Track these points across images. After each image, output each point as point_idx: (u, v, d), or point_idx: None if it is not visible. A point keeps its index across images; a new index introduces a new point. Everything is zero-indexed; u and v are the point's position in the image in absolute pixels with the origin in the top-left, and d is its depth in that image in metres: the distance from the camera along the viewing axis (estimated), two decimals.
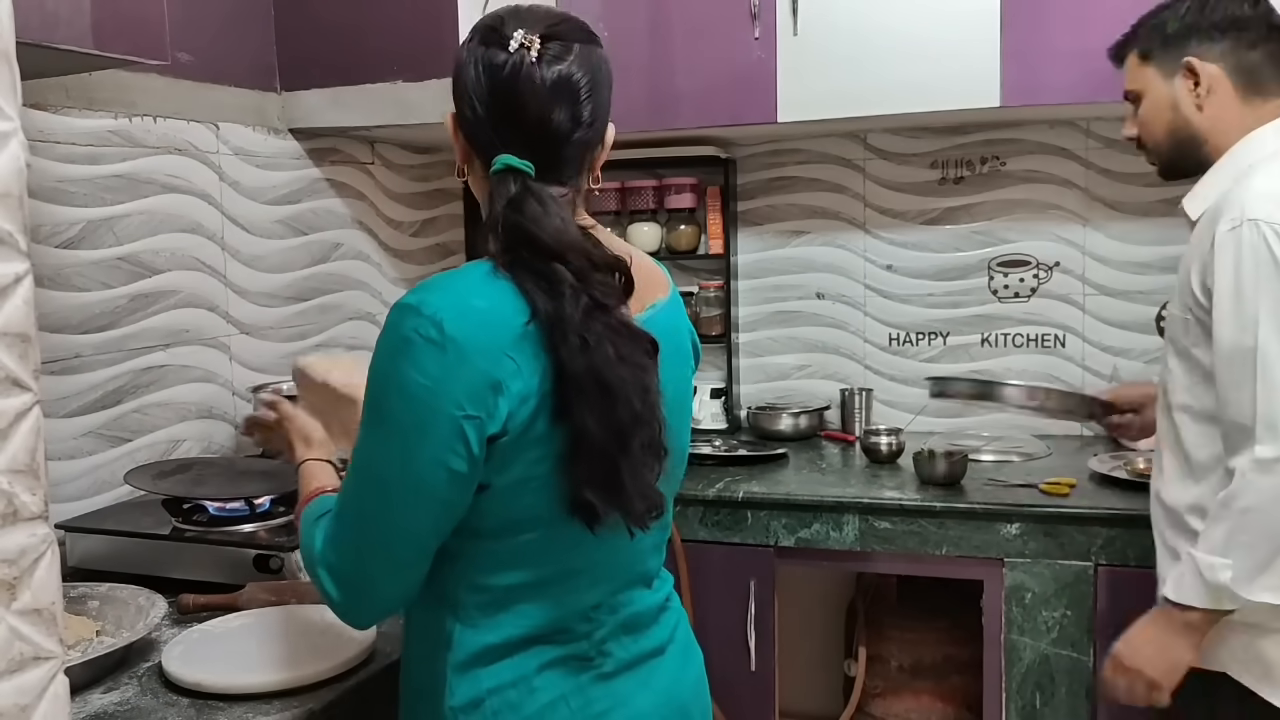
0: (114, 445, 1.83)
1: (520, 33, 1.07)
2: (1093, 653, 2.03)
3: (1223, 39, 1.54)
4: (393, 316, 1.02)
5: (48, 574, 0.66)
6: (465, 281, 1.04)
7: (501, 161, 1.08)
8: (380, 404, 1.02)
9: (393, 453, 1.00)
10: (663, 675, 1.17)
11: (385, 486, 1.02)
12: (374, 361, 1.03)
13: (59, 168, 1.73)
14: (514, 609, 1.07)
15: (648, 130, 2.48)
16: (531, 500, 1.04)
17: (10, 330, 0.63)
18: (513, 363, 1.00)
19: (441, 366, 0.98)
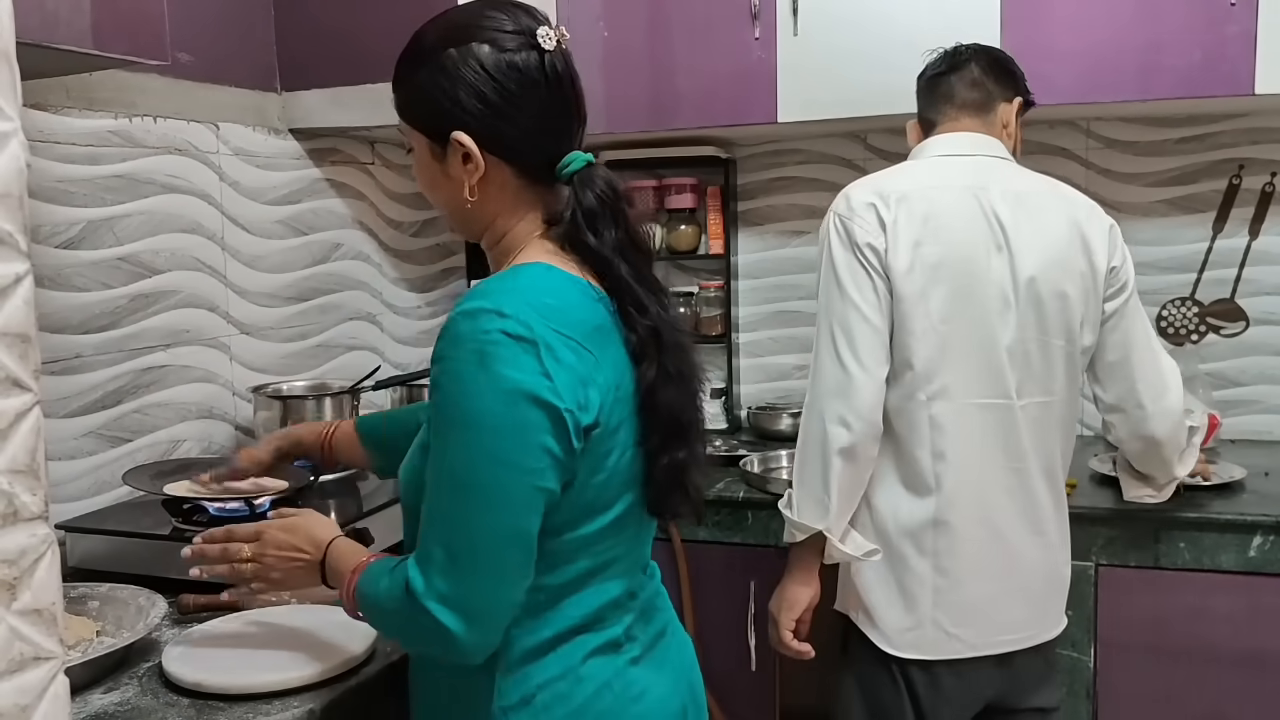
0: (114, 445, 1.83)
1: (545, 30, 1.08)
2: (1093, 653, 2.03)
3: (917, 100, 1.87)
4: (466, 326, 1.00)
5: (48, 574, 0.66)
6: (530, 281, 1.05)
7: (581, 159, 1.10)
8: (470, 411, 0.99)
9: (493, 455, 0.99)
10: (673, 655, 1.22)
11: (491, 492, 0.99)
12: (451, 370, 1.00)
13: (59, 168, 1.73)
14: (560, 605, 1.09)
15: (648, 130, 2.48)
16: (596, 492, 1.07)
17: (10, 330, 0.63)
18: (592, 356, 1.03)
19: (536, 362, 0.98)
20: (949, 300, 1.63)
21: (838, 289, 1.64)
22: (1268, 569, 1.94)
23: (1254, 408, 2.53)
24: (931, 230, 1.63)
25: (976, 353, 1.64)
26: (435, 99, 1.10)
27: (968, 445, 1.65)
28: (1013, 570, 1.69)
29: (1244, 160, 2.49)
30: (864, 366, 1.61)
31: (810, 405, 1.66)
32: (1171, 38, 2.13)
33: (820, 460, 1.63)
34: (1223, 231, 2.52)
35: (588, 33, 2.46)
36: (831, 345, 1.64)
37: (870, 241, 1.63)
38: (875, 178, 1.73)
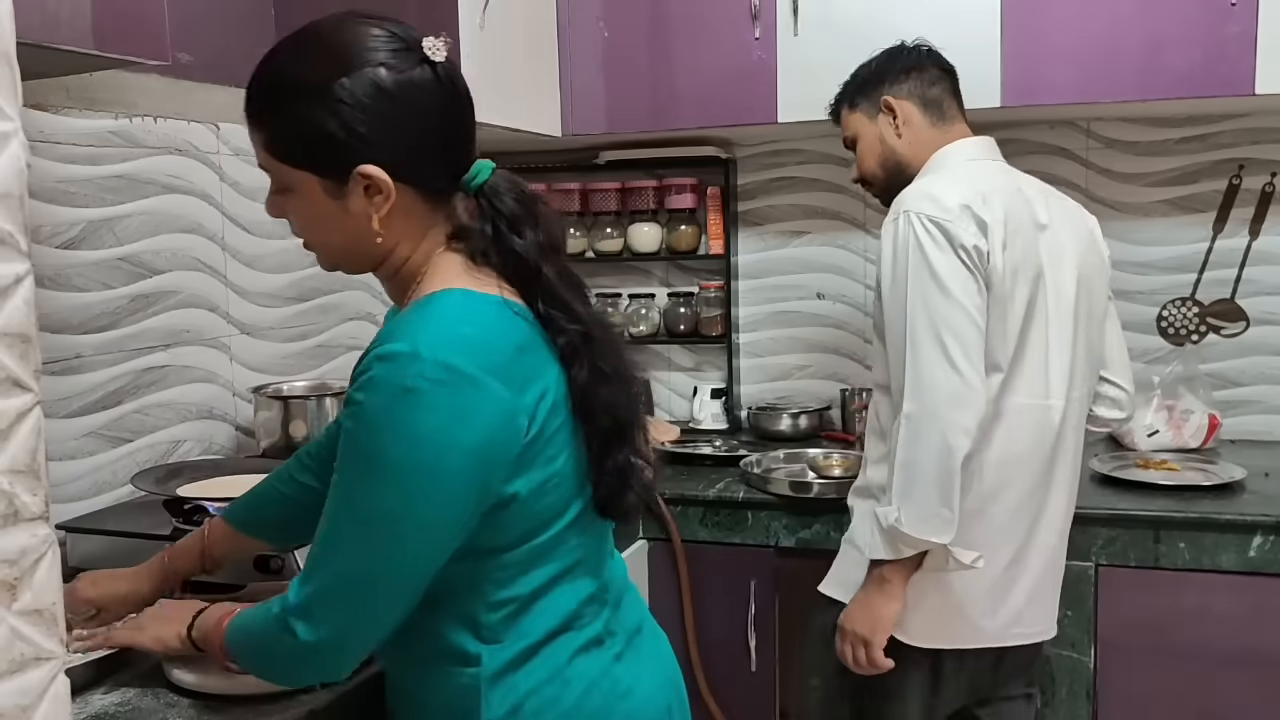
0: (115, 446, 1.83)
1: (430, 41, 1.04)
2: (1093, 653, 2.03)
3: (907, 80, 1.83)
4: (382, 369, 0.96)
5: (48, 574, 0.66)
6: (446, 315, 1.01)
7: (487, 168, 1.08)
8: (381, 455, 0.96)
9: (403, 498, 0.97)
10: (652, 652, 1.22)
11: (391, 533, 0.98)
12: (366, 417, 0.97)
13: (59, 168, 1.73)
14: (534, 612, 1.08)
15: (648, 130, 2.48)
16: (550, 499, 1.06)
17: (11, 330, 0.63)
18: (520, 377, 1.01)
19: (458, 403, 0.96)
20: (1026, 304, 1.66)
21: (940, 292, 1.58)
22: (1268, 569, 1.94)
23: (1254, 408, 2.53)
24: (1010, 232, 1.64)
25: (1043, 355, 1.68)
26: (331, 135, 1.02)
27: (1023, 443, 1.66)
28: (1037, 566, 1.72)
29: (1244, 160, 2.49)
30: (978, 372, 1.58)
31: (920, 416, 1.57)
32: (1171, 38, 2.12)
33: (939, 473, 1.56)
34: (1223, 231, 2.52)
35: (588, 33, 2.46)
36: (941, 351, 1.57)
37: (975, 244, 1.59)
38: (946, 181, 1.69)
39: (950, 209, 1.61)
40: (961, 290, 1.58)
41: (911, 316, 1.60)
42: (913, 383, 1.59)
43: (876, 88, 1.86)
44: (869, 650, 1.66)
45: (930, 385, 1.57)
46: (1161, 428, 2.42)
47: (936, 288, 1.58)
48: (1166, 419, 2.43)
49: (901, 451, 1.59)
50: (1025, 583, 1.71)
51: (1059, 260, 1.72)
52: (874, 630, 1.65)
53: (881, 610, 1.65)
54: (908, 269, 1.61)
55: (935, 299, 1.58)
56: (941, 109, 1.83)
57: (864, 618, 1.67)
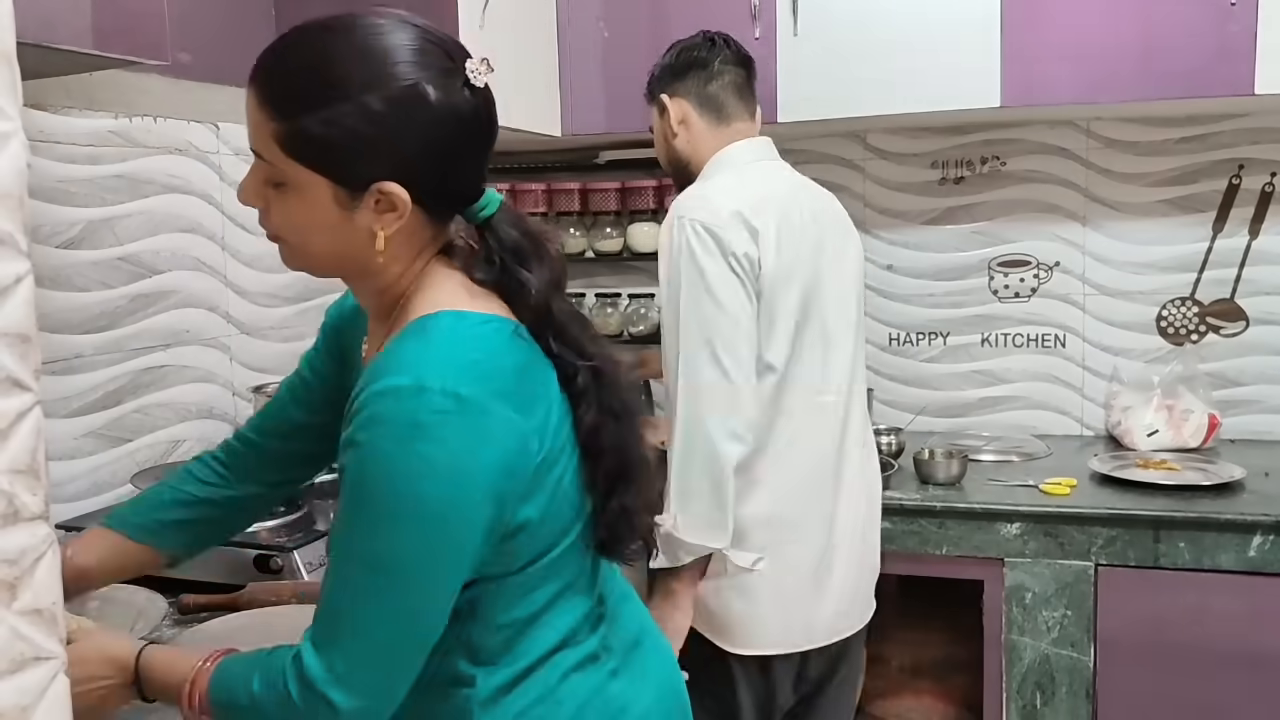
0: (114, 445, 1.83)
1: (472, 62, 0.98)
2: (1093, 653, 2.03)
3: (686, 77, 1.82)
4: (386, 404, 0.91)
5: (48, 574, 0.65)
6: (445, 341, 0.96)
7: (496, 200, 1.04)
8: (394, 497, 0.91)
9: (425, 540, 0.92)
10: (653, 665, 1.17)
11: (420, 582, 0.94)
12: (372, 455, 0.92)
13: (59, 168, 1.73)
14: (533, 631, 1.05)
15: (648, 130, 2.47)
16: (556, 521, 1.03)
17: (11, 330, 0.63)
18: (525, 400, 0.98)
19: (469, 432, 0.92)
20: (800, 304, 1.68)
21: (710, 299, 1.60)
22: (1267, 569, 1.94)
23: (1254, 408, 2.53)
24: (784, 235, 1.66)
25: (819, 352, 1.71)
26: (360, 145, 0.96)
27: (808, 441, 1.69)
28: (841, 563, 1.74)
29: (1244, 160, 2.49)
30: (747, 377, 1.60)
31: (690, 421, 1.59)
32: (1171, 38, 2.13)
33: (711, 478, 1.58)
34: (1223, 231, 2.52)
35: (588, 33, 2.46)
36: (710, 357, 1.59)
37: (746, 250, 1.61)
38: (717, 187, 1.71)
39: (722, 215, 1.62)
40: (730, 297, 1.60)
41: (683, 322, 1.61)
42: (684, 389, 1.60)
43: (659, 85, 1.86)
44: None
45: (698, 392, 1.59)
46: (1161, 427, 2.42)
47: (707, 295, 1.60)
48: (1166, 419, 2.43)
49: (675, 458, 1.61)
50: (837, 579, 1.73)
51: (836, 257, 1.75)
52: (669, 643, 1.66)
53: (674, 621, 1.64)
54: (680, 275, 1.62)
55: (706, 306, 1.60)
56: (720, 107, 1.81)
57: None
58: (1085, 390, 2.63)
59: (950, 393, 2.72)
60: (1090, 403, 2.63)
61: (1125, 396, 2.51)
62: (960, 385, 2.71)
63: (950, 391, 2.72)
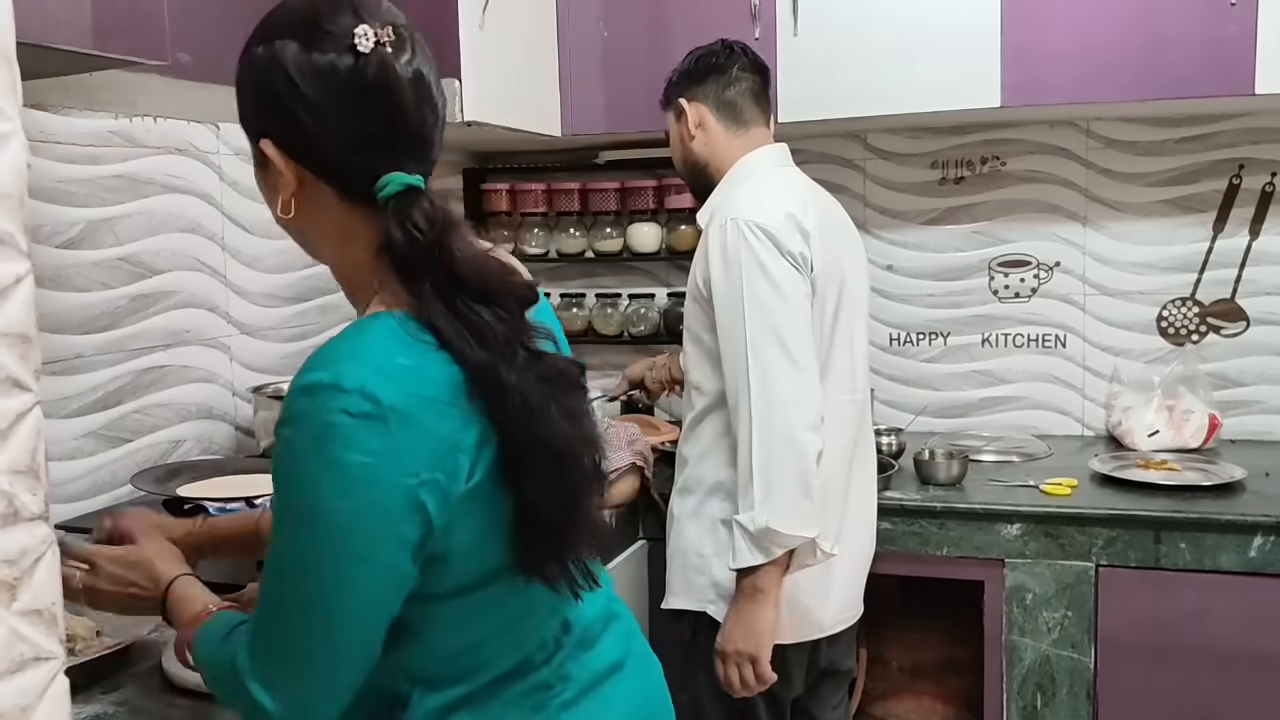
0: (114, 446, 1.83)
1: (364, 29, 0.92)
2: (1093, 653, 2.03)
3: (705, 83, 1.85)
4: (302, 403, 0.87)
5: (48, 574, 0.65)
6: (375, 341, 0.91)
7: (399, 181, 0.93)
8: (309, 500, 0.87)
9: (338, 549, 0.88)
10: (626, 692, 1.10)
11: (330, 585, 0.89)
12: (290, 454, 0.88)
13: (59, 168, 1.73)
14: (476, 661, 0.99)
15: (648, 130, 2.47)
16: (492, 552, 0.95)
17: (11, 330, 0.63)
18: (458, 415, 0.90)
19: (385, 439, 0.86)
20: (835, 305, 1.76)
21: (777, 295, 1.64)
22: (1268, 569, 1.94)
23: (1254, 408, 2.53)
24: (823, 239, 1.73)
25: (848, 352, 1.79)
26: (245, 101, 0.99)
27: (835, 440, 1.73)
28: (860, 553, 1.85)
29: (1244, 160, 2.49)
30: (815, 369, 1.67)
31: (769, 414, 1.62)
32: (1171, 38, 2.12)
33: (796, 468, 1.62)
34: (1223, 231, 2.52)
35: (588, 33, 2.46)
36: (783, 352, 1.63)
37: (800, 250, 1.68)
38: (767, 190, 1.75)
39: (777, 217, 1.68)
40: (794, 293, 1.66)
41: (749, 320, 1.64)
42: (760, 385, 1.63)
43: (677, 90, 1.89)
44: (757, 667, 1.67)
45: (777, 385, 1.63)
46: (1162, 428, 2.42)
47: (773, 291, 1.64)
48: (1167, 419, 2.43)
49: (758, 453, 1.62)
50: (843, 570, 1.79)
51: (853, 261, 1.84)
52: (759, 645, 1.66)
53: (761, 622, 1.65)
54: (741, 275, 1.65)
55: (772, 302, 1.64)
56: (737, 112, 1.85)
57: (745, 634, 1.66)
58: (1086, 390, 2.63)
59: (950, 393, 2.72)
60: (1091, 403, 2.63)
61: (1126, 397, 2.51)
62: (960, 385, 2.71)
63: (951, 392, 2.72)
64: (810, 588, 1.74)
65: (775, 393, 1.63)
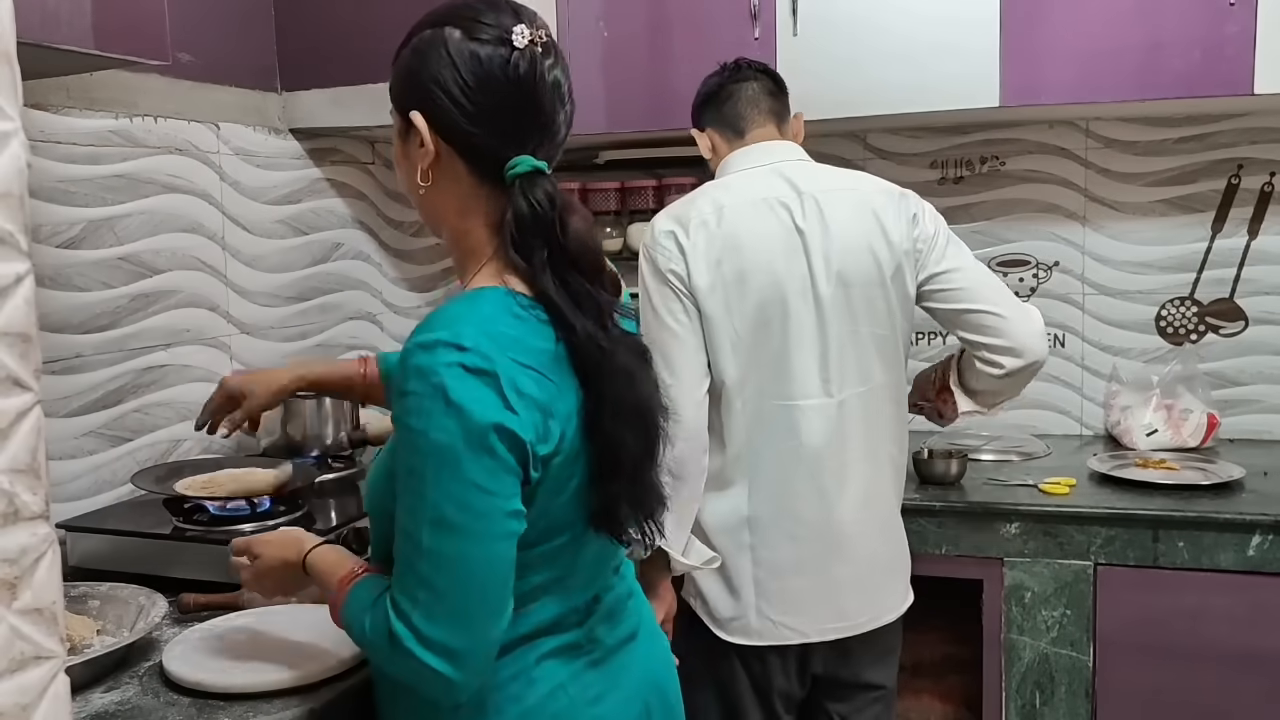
0: (115, 445, 1.83)
1: (522, 28, 1.06)
2: (1092, 652, 2.03)
3: (707, 109, 1.90)
4: (424, 360, 0.97)
5: (48, 573, 0.66)
6: (486, 309, 1.02)
7: (528, 163, 1.06)
8: (442, 446, 0.97)
9: (470, 485, 0.97)
10: (640, 658, 1.21)
11: (471, 526, 0.98)
12: (417, 408, 0.97)
13: (60, 168, 1.73)
14: (520, 612, 1.07)
15: (648, 130, 2.48)
16: (559, 514, 1.06)
17: (11, 330, 0.63)
18: (553, 384, 1.02)
19: (496, 393, 0.97)
20: (756, 310, 1.70)
21: (653, 313, 1.72)
22: (1266, 568, 1.94)
23: (1253, 407, 2.53)
24: (732, 247, 1.70)
25: (784, 357, 1.71)
26: (403, 76, 1.10)
27: (778, 445, 1.72)
28: (841, 560, 1.74)
29: (1243, 160, 2.49)
30: (681, 382, 1.68)
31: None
32: (1171, 38, 2.13)
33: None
34: (1222, 231, 2.52)
35: (588, 33, 2.46)
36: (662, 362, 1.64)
37: (672, 267, 1.71)
38: (680, 204, 1.79)
39: (657, 237, 1.74)
40: (665, 310, 1.72)
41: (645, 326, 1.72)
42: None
43: (694, 121, 1.94)
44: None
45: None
46: (1160, 427, 2.42)
47: (650, 309, 1.73)
48: (1165, 418, 2.43)
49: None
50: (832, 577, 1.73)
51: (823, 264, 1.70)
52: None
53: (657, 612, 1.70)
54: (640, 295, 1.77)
55: (649, 319, 1.73)
56: (736, 124, 1.86)
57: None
58: (1084, 390, 2.63)
59: None
60: (1089, 402, 2.63)
61: (1124, 396, 2.51)
62: None
63: None
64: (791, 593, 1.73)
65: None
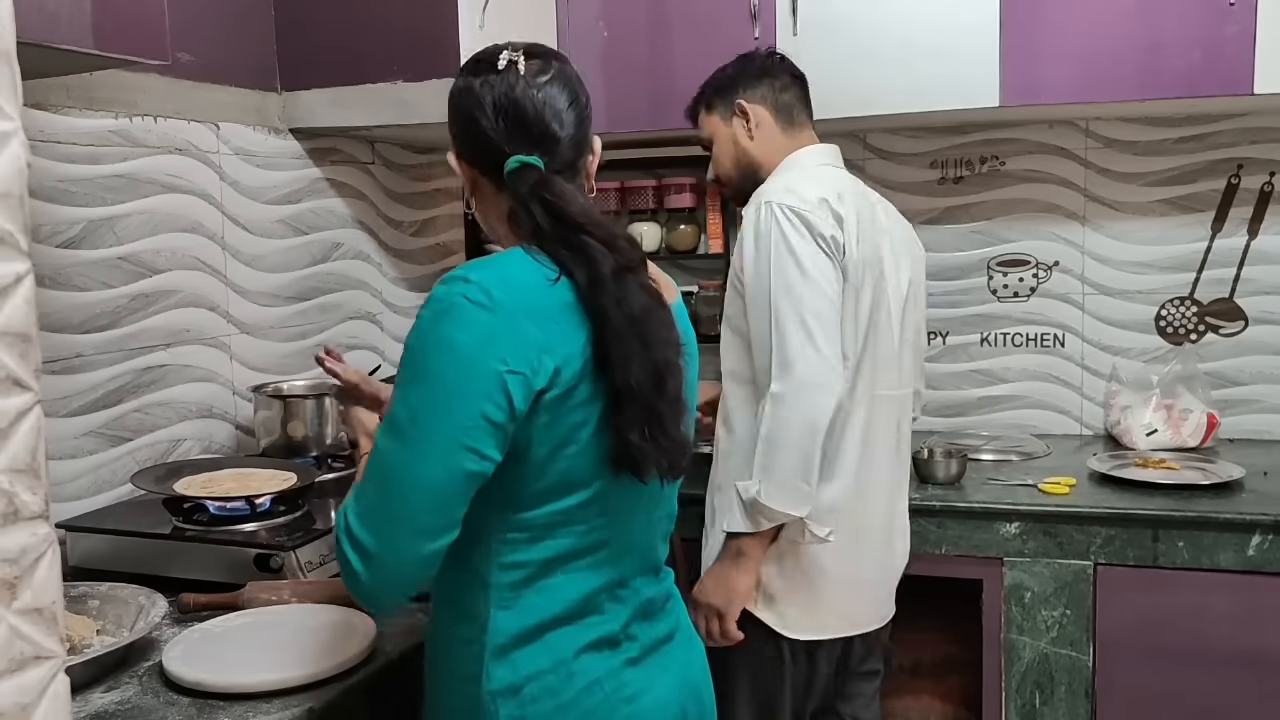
0: (115, 445, 1.83)
1: (506, 53, 1.18)
2: (1092, 652, 2.03)
3: (760, 85, 1.90)
4: (439, 290, 1.07)
5: (48, 573, 0.66)
6: (506, 260, 1.11)
7: (515, 160, 1.15)
8: (420, 362, 1.06)
9: (431, 405, 1.04)
10: (677, 659, 1.24)
11: (419, 442, 1.04)
12: (416, 327, 1.07)
13: (60, 167, 1.73)
14: (545, 585, 1.12)
15: (648, 130, 2.48)
16: (569, 464, 1.10)
17: (11, 330, 0.63)
18: (559, 327, 1.08)
19: (488, 325, 1.04)
20: (872, 297, 1.76)
21: (802, 276, 1.66)
22: (1266, 568, 1.94)
23: (1252, 407, 2.54)
24: (861, 230, 1.74)
25: (888, 347, 1.78)
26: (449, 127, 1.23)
27: (876, 434, 1.76)
28: (893, 551, 1.84)
29: (1243, 160, 2.49)
30: (838, 354, 1.67)
31: (785, 395, 1.64)
32: (1171, 38, 2.13)
33: (801, 448, 1.64)
34: (1221, 231, 2.52)
35: (588, 33, 2.46)
36: (804, 333, 1.65)
37: (833, 234, 1.69)
38: (798, 178, 1.78)
39: (809, 200, 1.70)
40: (822, 276, 1.67)
41: (775, 301, 1.67)
42: (779, 364, 1.66)
43: (731, 91, 1.91)
44: (723, 622, 1.72)
45: (795, 365, 1.65)
46: (1160, 427, 2.42)
47: (799, 272, 1.66)
48: (1165, 418, 2.43)
49: (766, 428, 1.65)
50: (881, 568, 1.82)
51: (896, 264, 1.83)
52: (729, 602, 1.72)
53: (736, 583, 1.71)
54: (770, 256, 1.68)
55: (797, 283, 1.66)
56: (791, 115, 1.90)
57: (719, 591, 1.72)
58: (1084, 389, 2.64)
59: (949, 392, 2.72)
60: (1089, 402, 2.63)
61: (1124, 396, 2.51)
62: (959, 384, 2.71)
63: (949, 391, 2.72)
64: (851, 584, 1.76)
65: (792, 374, 1.64)
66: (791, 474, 1.64)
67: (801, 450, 1.64)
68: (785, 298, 1.66)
